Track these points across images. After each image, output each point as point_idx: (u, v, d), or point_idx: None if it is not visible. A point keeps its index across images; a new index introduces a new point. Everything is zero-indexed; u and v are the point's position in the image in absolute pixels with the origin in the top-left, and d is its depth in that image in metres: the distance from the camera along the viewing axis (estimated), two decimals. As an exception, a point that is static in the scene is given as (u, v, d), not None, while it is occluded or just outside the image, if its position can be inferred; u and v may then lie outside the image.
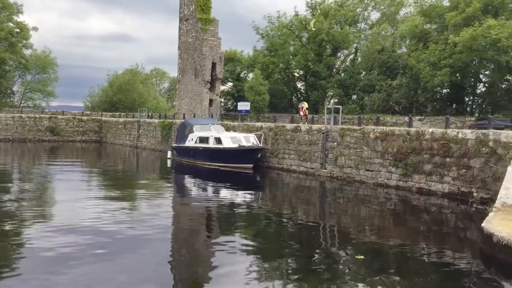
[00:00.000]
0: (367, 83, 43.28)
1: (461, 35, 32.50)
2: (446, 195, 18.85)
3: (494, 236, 9.79)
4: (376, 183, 21.92)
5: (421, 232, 13.55)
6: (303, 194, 20.76)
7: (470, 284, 9.11)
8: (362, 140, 23.11)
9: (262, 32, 53.86)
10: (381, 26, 47.60)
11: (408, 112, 38.05)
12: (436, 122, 31.48)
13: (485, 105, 39.38)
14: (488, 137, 17.81)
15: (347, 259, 10.41)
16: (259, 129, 30.28)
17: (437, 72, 34.66)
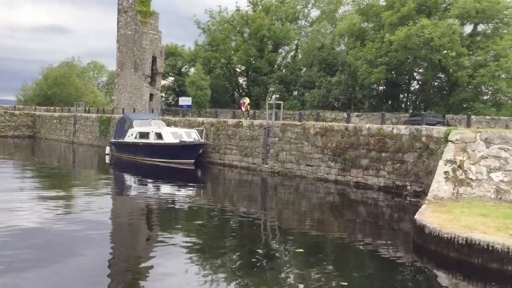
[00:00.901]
0: (308, 79, 44.01)
1: (396, 34, 33.71)
2: (382, 189, 19.52)
3: (426, 227, 10.24)
4: (316, 178, 22.35)
5: (358, 225, 13.96)
6: (244, 190, 20.85)
7: (404, 274, 9.49)
8: (303, 136, 23.47)
9: (203, 27, 53.49)
10: (320, 24, 48.51)
11: (346, 108, 39.05)
12: (373, 118, 32.50)
13: (418, 102, 41.10)
14: (421, 132, 18.59)
15: (288, 252, 10.56)
16: (201, 125, 30.09)
17: (373, 70, 35.79)
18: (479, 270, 8.96)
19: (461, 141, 13.96)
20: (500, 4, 33.87)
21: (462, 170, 13.38)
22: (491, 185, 12.89)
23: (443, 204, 12.31)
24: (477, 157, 13.49)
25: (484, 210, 11.30)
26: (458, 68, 33.71)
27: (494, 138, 13.60)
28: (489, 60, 33.47)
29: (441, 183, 13.31)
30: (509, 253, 8.70)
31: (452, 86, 36.22)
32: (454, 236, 9.46)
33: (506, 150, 13.29)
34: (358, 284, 8.59)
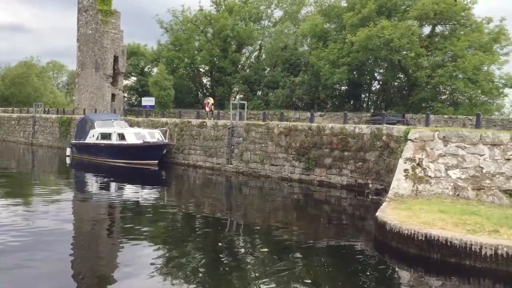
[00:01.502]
0: (271, 79, 44.23)
1: (357, 35, 34.29)
2: (344, 187, 19.84)
3: (387, 224, 10.48)
4: (280, 177, 22.50)
5: (322, 223, 14.16)
6: (209, 190, 20.79)
7: (367, 270, 9.68)
8: (267, 135, 23.59)
9: (166, 26, 52.96)
10: (283, 24, 48.83)
11: (310, 108, 39.47)
12: (335, 118, 32.95)
13: (379, 102, 41.92)
14: (382, 131, 18.99)
15: (252, 252, 10.61)
16: (164, 125, 29.82)
17: (336, 70, 36.30)
18: (438, 265, 9.23)
19: (420, 139, 14.33)
20: (457, 6, 34.91)
21: (421, 168, 13.74)
22: (449, 182, 13.30)
23: (403, 201, 12.62)
24: (435, 155, 13.88)
25: (442, 206, 11.64)
26: (417, 69, 34.56)
27: (451, 137, 14.02)
28: (447, 60, 34.46)
29: (401, 180, 13.63)
30: (466, 248, 9.00)
31: (411, 86, 37.11)
32: (414, 232, 9.72)
33: (463, 148, 13.72)
34: (321, 281, 8.71)
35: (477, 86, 33.53)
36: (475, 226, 9.84)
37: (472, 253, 8.92)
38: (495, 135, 13.70)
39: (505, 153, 13.24)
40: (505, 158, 13.18)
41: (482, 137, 13.68)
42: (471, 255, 8.93)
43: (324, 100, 41.74)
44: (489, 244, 8.85)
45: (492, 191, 12.76)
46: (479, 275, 8.74)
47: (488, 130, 15.36)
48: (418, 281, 8.93)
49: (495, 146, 13.44)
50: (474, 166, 13.34)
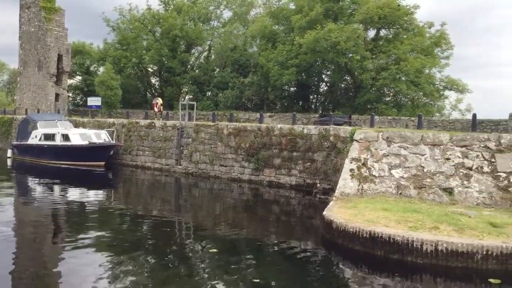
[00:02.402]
0: (221, 80, 44.19)
1: (305, 37, 34.85)
2: (293, 187, 20.13)
3: (333, 223, 10.74)
4: (230, 178, 22.55)
5: (271, 223, 14.32)
6: (158, 191, 20.55)
7: (314, 268, 9.89)
8: (217, 136, 23.58)
9: (113, 25, 51.86)
10: (233, 25, 48.91)
11: (259, 108, 39.74)
12: (284, 119, 33.37)
13: (327, 103, 42.77)
14: (329, 132, 19.42)
15: (201, 253, 10.59)
16: (111, 125, 29.21)
17: (284, 71, 36.73)
18: (382, 261, 9.55)
19: (365, 140, 14.77)
20: (400, 10, 36.15)
21: (366, 168, 14.16)
22: (392, 181, 13.77)
23: (349, 200, 12.96)
24: (379, 155, 14.34)
25: (386, 204, 12.04)
26: (363, 71, 35.50)
27: (394, 137, 14.52)
28: (391, 63, 35.61)
29: (347, 180, 14.00)
30: (408, 244, 9.37)
31: (357, 88, 38.08)
32: (358, 230, 10.02)
33: (405, 148, 14.25)
34: (269, 280, 8.82)
35: (419, 88, 34.84)
36: (417, 223, 10.25)
37: (414, 249, 9.29)
38: (436, 135, 14.31)
39: (444, 153, 13.85)
40: (444, 157, 13.78)
41: (423, 137, 14.25)
42: (412, 251, 9.30)
43: (273, 101, 42.14)
44: (429, 241, 9.24)
45: (432, 189, 13.31)
46: (421, 270, 9.11)
47: (429, 131, 16.02)
48: (363, 277, 9.20)
49: (435, 146, 14.03)
50: (416, 165, 13.88)
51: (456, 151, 13.76)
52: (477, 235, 9.59)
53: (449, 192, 13.15)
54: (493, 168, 13.21)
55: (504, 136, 13.84)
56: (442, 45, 37.57)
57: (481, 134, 14.97)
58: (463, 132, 18.32)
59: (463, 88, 36.48)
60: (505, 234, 9.71)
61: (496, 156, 13.37)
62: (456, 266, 8.97)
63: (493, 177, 13.06)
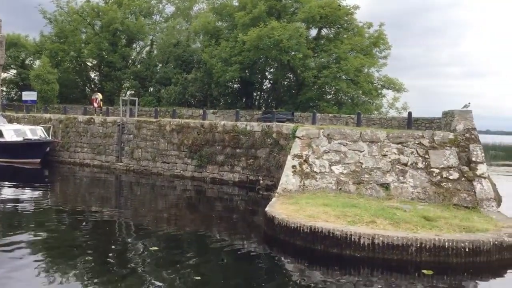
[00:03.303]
0: (164, 75, 43.53)
1: (249, 34, 34.92)
2: (236, 184, 20.20)
3: (275, 218, 10.89)
4: (172, 175, 22.32)
5: (214, 220, 14.30)
6: (97, 189, 20.01)
7: (256, 264, 9.98)
8: (159, 133, 23.27)
9: (50, 17, 49.77)
10: (176, 20, 48.26)
11: (203, 105, 39.44)
12: (228, 115, 33.36)
13: (270, 100, 43.09)
14: (272, 129, 19.62)
15: (142, 251, 10.42)
16: (48, 121, 28.15)
17: (228, 68, 36.67)
18: (322, 255, 9.79)
19: (307, 137, 15.05)
20: (341, 11, 36.94)
21: (307, 164, 14.43)
22: (332, 177, 14.12)
23: (291, 196, 13.18)
24: (320, 151, 14.66)
25: (326, 200, 12.34)
26: (305, 69, 36.02)
27: (335, 134, 14.89)
28: (332, 62, 36.33)
29: (289, 176, 14.22)
30: (347, 238, 9.64)
31: (300, 85, 38.62)
32: (299, 225, 10.21)
33: (345, 145, 14.65)
34: (212, 277, 8.82)
35: (358, 87, 35.81)
36: (355, 217, 10.57)
37: (352, 243, 9.57)
38: (373, 132, 14.80)
39: (381, 149, 14.35)
40: (381, 154, 14.28)
41: (362, 134, 14.71)
42: (351, 245, 9.58)
43: (216, 98, 41.95)
44: (367, 234, 9.56)
45: (370, 185, 13.77)
46: (359, 263, 9.40)
47: (368, 128, 16.54)
48: (303, 271, 9.39)
49: (373, 143, 14.51)
50: (355, 161, 14.30)
51: (393, 148, 14.30)
52: (411, 228, 10.02)
53: (386, 187, 13.65)
54: (427, 164, 13.83)
55: (437, 134, 14.52)
56: (380, 45, 38.76)
57: (416, 131, 15.63)
58: (399, 129, 19.08)
59: (399, 87, 37.84)
60: (437, 227, 10.20)
61: (429, 152, 14.01)
62: (392, 259, 9.33)
63: (427, 173, 13.67)
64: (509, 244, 9.69)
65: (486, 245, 9.43)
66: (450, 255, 9.28)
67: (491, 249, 9.45)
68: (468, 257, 9.30)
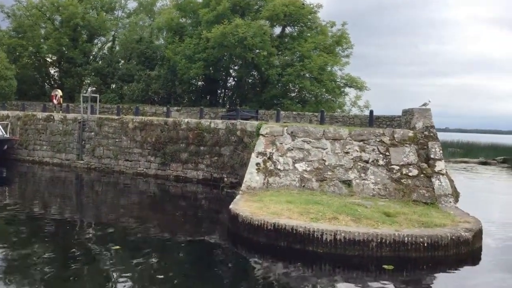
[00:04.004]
0: (126, 72, 42.87)
1: (213, 31, 34.80)
2: (200, 181, 20.13)
3: (239, 216, 10.90)
4: (135, 173, 22.04)
5: (177, 218, 14.20)
6: (57, 188, 19.54)
7: (220, 262, 9.98)
8: (121, 130, 22.92)
9: (7, 11, 48.25)
10: (138, 16, 47.59)
11: (166, 102, 39.09)
12: (192, 113, 33.15)
13: (234, 98, 43.05)
14: (236, 127, 19.63)
15: (103, 251, 10.25)
16: (5, 118, 27.28)
17: (192, 65, 36.45)
18: (285, 252, 9.86)
19: (271, 134, 15.13)
20: (304, 9, 37.28)
21: (271, 162, 14.51)
22: (296, 174, 14.24)
23: (255, 194, 13.22)
24: (284, 149, 14.76)
25: (290, 197, 12.43)
26: (269, 67, 36.16)
27: (298, 132, 15.02)
28: (295, 60, 36.61)
29: (253, 174, 14.26)
30: (309, 235, 9.75)
31: (264, 83, 38.74)
32: (263, 222, 10.26)
33: (308, 143, 14.79)
34: (175, 276, 8.76)
35: (321, 85, 36.21)
36: (318, 214, 10.70)
37: (315, 239, 9.69)
38: (336, 130, 15.01)
39: (344, 147, 14.57)
40: (344, 151, 14.50)
41: (325, 132, 14.89)
42: (313, 241, 9.69)
43: (180, 95, 41.62)
44: (329, 230, 9.69)
45: (333, 182, 13.96)
46: (321, 259, 9.52)
47: (331, 126, 16.76)
48: (267, 268, 9.44)
49: (336, 140, 14.72)
50: (318, 159, 14.47)
51: (355, 145, 14.54)
52: (372, 224, 10.21)
53: (348, 184, 13.87)
54: (387, 161, 14.13)
55: (398, 131, 14.86)
56: (343, 44, 39.32)
57: (377, 129, 15.94)
58: (361, 127, 19.40)
59: (361, 85, 38.50)
60: (397, 223, 10.44)
61: (390, 149, 14.32)
62: (354, 254, 9.49)
63: (387, 170, 13.97)
64: (465, 239, 10.01)
65: (444, 240, 9.71)
66: (410, 250, 9.51)
67: (448, 243, 9.73)
68: (427, 251, 9.56)
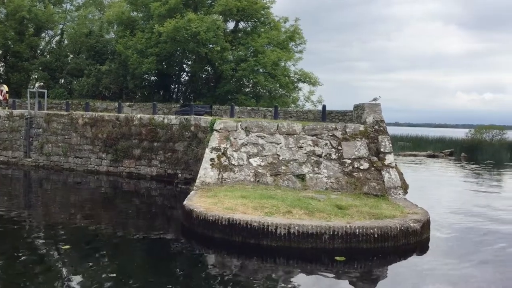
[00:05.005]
0: (75, 67, 41.72)
1: (165, 25, 34.35)
2: (154, 178, 19.88)
3: (193, 212, 10.85)
4: (86, 170, 21.53)
5: (131, 215, 13.98)
6: (3, 186, 18.80)
7: (175, 258, 9.89)
8: (71, 126, 22.32)
9: None
10: (88, 9, 46.38)
11: (118, 98, 38.33)
12: (145, 108, 32.67)
13: (188, 93, 42.75)
14: (190, 122, 19.48)
15: (54, 250, 9.96)
16: None
17: (144, 60, 35.87)
18: (240, 247, 9.90)
19: (225, 130, 15.11)
20: (258, 4, 37.35)
21: (226, 157, 14.50)
22: (250, 169, 14.29)
23: (210, 189, 13.19)
24: (238, 144, 14.78)
25: (244, 192, 12.47)
26: (223, 62, 36.10)
27: (252, 127, 15.07)
28: (249, 55, 36.70)
29: (207, 169, 14.21)
30: (264, 229, 9.82)
31: (218, 78, 38.64)
32: (218, 218, 10.25)
33: (262, 138, 14.87)
34: (128, 274, 8.63)
35: (275, 80, 36.49)
36: (272, 208, 10.79)
37: (269, 233, 9.77)
38: (290, 125, 15.16)
39: (298, 141, 14.74)
40: (298, 146, 14.67)
41: (279, 127, 15.01)
42: (268, 235, 9.77)
43: (133, 90, 40.90)
44: (283, 224, 9.79)
45: (287, 176, 14.10)
46: (275, 253, 9.62)
47: (284, 121, 16.91)
48: (222, 263, 9.45)
49: (289, 135, 14.87)
50: (272, 154, 14.57)
51: (308, 140, 14.74)
52: (325, 217, 10.40)
53: (302, 178, 14.05)
54: (339, 155, 14.40)
55: (349, 126, 15.17)
56: (296, 40, 39.73)
57: (329, 124, 16.19)
58: (314, 122, 19.67)
59: (314, 81, 39.05)
60: (349, 215, 10.67)
61: (342, 144, 14.60)
62: (307, 247, 9.64)
63: (340, 163, 14.25)
64: (414, 230, 10.35)
65: (393, 231, 10.01)
66: (361, 241, 9.75)
67: (397, 234, 10.04)
68: (377, 242, 9.83)
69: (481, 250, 10.72)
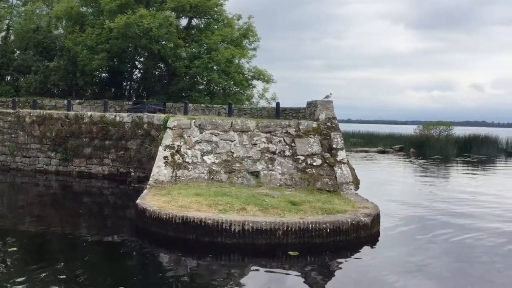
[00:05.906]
0: (22, 63, 40.21)
1: (116, 21, 33.62)
2: (106, 177, 19.48)
3: (146, 211, 10.71)
4: (34, 170, 20.85)
5: (82, 216, 13.63)
6: None
7: (128, 258, 9.75)
8: (17, 125, 21.56)
9: None
10: (35, 4, 44.78)
11: (67, 95, 37.29)
12: (96, 106, 31.89)
13: (141, 90, 42.07)
14: (143, 120, 19.20)
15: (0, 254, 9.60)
16: None
17: (94, 56, 35.01)
18: (194, 245, 9.86)
19: (178, 127, 14.98)
20: (211, 1, 37.15)
21: (179, 155, 14.39)
22: (204, 167, 14.24)
23: (163, 188, 13.06)
24: (192, 142, 14.69)
25: (198, 190, 12.42)
26: (176, 59, 35.73)
27: (206, 124, 15.02)
28: (203, 52, 36.47)
29: (161, 167, 14.06)
30: (218, 226, 9.82)
31: (171, 75, 38.21)
32: (171, 216, 10.17)
33: (216, 135, 14.84)
34: (79, 275, 8.42)
35: (229, 78, 36.45)
36: (226, 206, 10.80)
37: (223, 230, 9.78)
38: (244, 122, 15.20)
39: (252, 138, 14.80)
40: (252, 143, 14.73)
41: (233, 124, 15.02)
42: (222, 233, 9.78)
43: (83, 87, 39.83)
44: (237, 221, 9.82)
45: (241, 174, 14.14)
46: (230, 250, 9.64)
47: (238, 118, 16.92)
48: (176, 261, 9.38)
49: (243, 132, 14.90)
50: (226, 151, 14.57)
51: (262, 137, 14.83)
52: (279, 213, 10.51)
53: (256, 175, 14.12)
54: (293, 152, 14.57)
55: (302, 123, 15.36)
56: (250, 37, 39.78)
57: (283, 121, 16.37)
58: (269, 119, 19.80)
59: (268, 78, 39.28)
60: (302, 211, 10.82)
61: (296, 140, 14.77)
62: (261, 243, 9.71)
63: (293, 160, 14.41)
64: (364, 223, 10.62)
65: (345, 225, 10.23)
66: (314, 236, 9.91)
67: (349, 228, 10.27)
68: (329, 237, 10.02)
69: (430, 240, 11.11)
